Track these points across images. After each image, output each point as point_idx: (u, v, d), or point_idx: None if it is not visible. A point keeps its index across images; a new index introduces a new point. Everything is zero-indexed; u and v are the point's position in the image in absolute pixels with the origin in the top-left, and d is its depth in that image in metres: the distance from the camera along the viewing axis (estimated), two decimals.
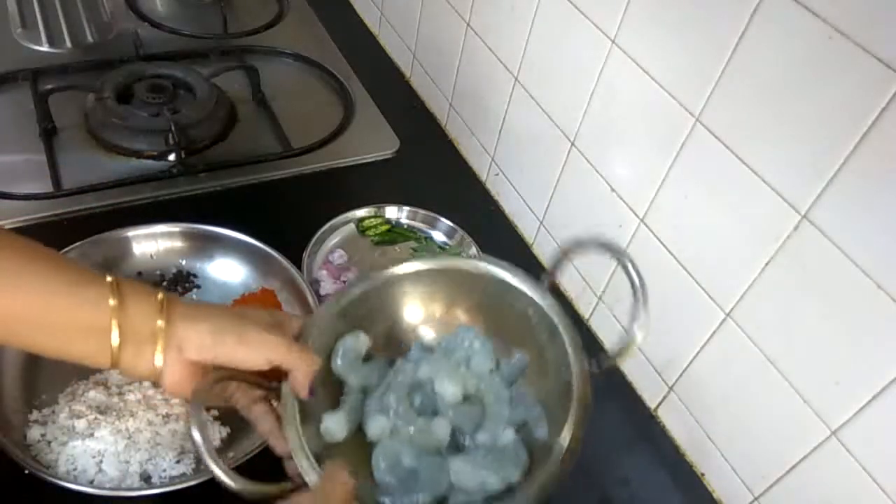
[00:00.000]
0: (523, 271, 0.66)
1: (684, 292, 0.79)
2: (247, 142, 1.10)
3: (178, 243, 0.89)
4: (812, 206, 0.64)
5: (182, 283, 0.87)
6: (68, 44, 1.20)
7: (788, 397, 0.69)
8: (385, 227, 1.01)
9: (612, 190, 0.87)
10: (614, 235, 0.88)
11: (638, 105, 0.80)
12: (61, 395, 0.74)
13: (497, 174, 1.10)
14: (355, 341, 0.67)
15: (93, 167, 1.00)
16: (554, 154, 0.95)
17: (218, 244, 0.89)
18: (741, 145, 0.69)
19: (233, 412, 0.75)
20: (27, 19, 1.21)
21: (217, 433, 0.74)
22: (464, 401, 0.65)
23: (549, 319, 0.65)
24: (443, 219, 1.02)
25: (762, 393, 0.72)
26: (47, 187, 0.95)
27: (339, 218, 0.99)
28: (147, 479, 0.70)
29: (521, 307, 0.67)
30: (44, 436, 0.70)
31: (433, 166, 1.15)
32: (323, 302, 0.66)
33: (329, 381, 0.65)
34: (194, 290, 0.87)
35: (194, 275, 0.88)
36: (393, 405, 0.64)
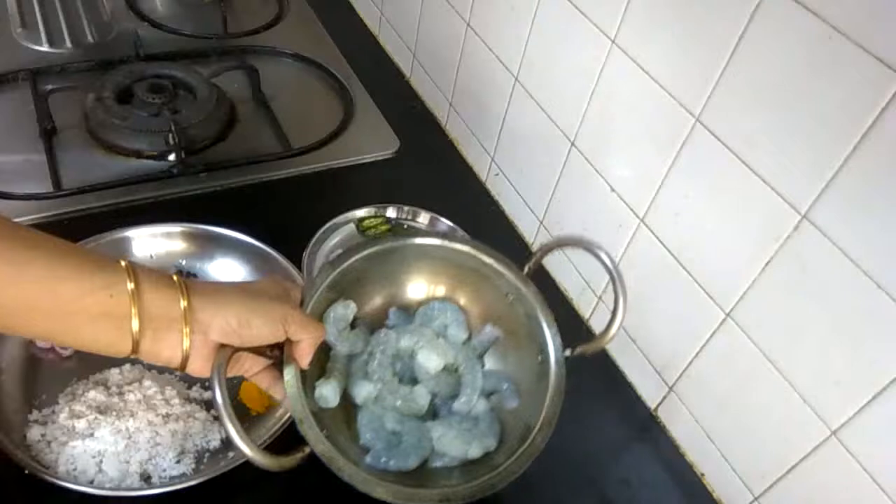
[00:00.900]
0: (506, 257, 0.71)
1: (684, 292, 0.79)
2: (247, 142, 1.10)
3: (178, 243, 0.89)
4: (812, 206, 0.64)
5: None
6: (68, 44, 1.20)
7: (788, 397, 0.69)
8: (385, 227, 1.01)
9: (612, 190, 0.87)
10: (614, 235, 0.88)
11: (638, 105, 0.80)
12: (61, 395, 0.74)
13: (497, 174, 1.10)
14: (345, 310, 0.69)
15: (93, 167, 1.00)
16: (554, 154, 0.95)
17: (218, 244, 0.89)
18: (741, 145, 0.69)
19: (236, 414, 0.76)
20: (27, 19, 1.21)
21: (217, 433, 0.75)
22: (441, 370, 0.69)
23: (529, 303, 0.70)
24: (443, 219, 1.02)
25: (762, 393, 0.72)
26: (47, 187, 0.95)
27: (339, 218, 0.99)
28: (147, 479, 0.70)
29: (501, 289, 0.72)
30: (44, 436, 0.70)
31: (433, 166, 1.15)
32: (317, 272, 0.69)
33: (318, 349, 0.66)
34: None
35: (194, 275, 0.88)
36: (377, 372, 0.68)
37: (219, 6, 1.31)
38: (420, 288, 0.76)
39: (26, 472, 0.66)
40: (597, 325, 0.95)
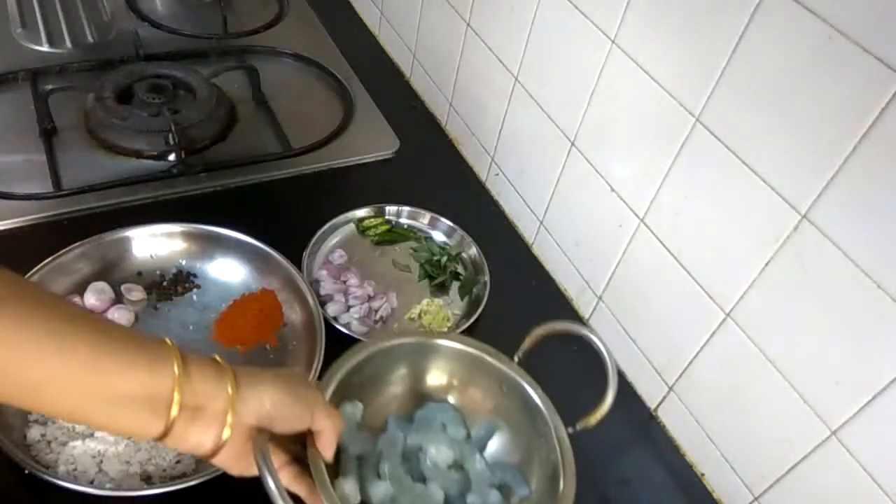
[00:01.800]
0: (494, 349, 0.73)
1: (684, 292, 0.79)
2: (246, 142, 1.10)
3: (178, 243, 0.89)
4: (812, 206, 0.64)
5: (182, 283, 0.87)
6: (68, 44, 1.20)
7: (788, 397, 0.69)
8: (385, 227, 1.01)
9: (612, 190, 0.87)
10: (614, 235, 0.88)
11: (638, 105, 0.80)
12: None
13: (497, 174, 1.10)
14: (353, 409, 0.70)
15: (93, 167, 1.00)
16: (554, 154, 0.95)
17: (218, 244, 0.89)
18: (741, 145, 0.69)
19: None
20: (27, 19, 1.21)
21: None
22: (449, 468, 0.70)
23: (522, 389, 0.71)
24: (443, 219, 1.02)
25: (762, 393, 0.72)
26: (47, 187, 0.95)
27: (339, 218, 0.99)
28: (147, 479, 0.70)
29: (494, 380, 0.73)
30: (44, 436, 0.70)
31: (433, 166, 1.15)
32: (328, 368, 0.70)
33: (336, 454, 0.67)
34: (194, 289, 0.87)
35: (194, 275, 0.88)
36: (390, 471, 0.68)
37: (219, 6, 1.31)
38: (413, 390, 0.76)
39: (26, 472, 0.66)
40: (597, 325, 0.95)
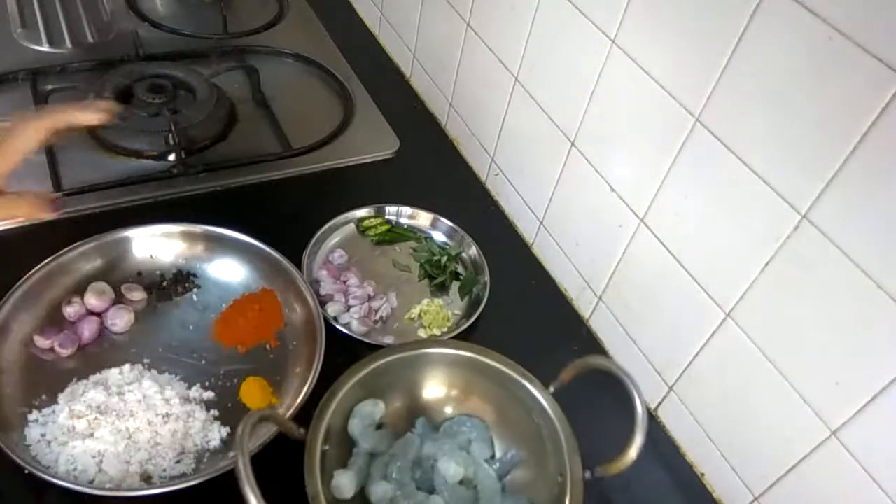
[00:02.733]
0: (533, 375, 0.73)
1: (684, 292, 0.79)
2: (247, 142, 1.10)
3: (178, 243, 0.89)
4: (812, 206, 0.64)
5: (182, 283, 0.87)
6: (68, 44, 1.20)
7: (788, 397, 0.69)
8: (385, 227, 1.01)
9: (612, 190, 0.87)
10: (614, 235, 0.88)
11: (638, 105, 0.80)
12: (61, 395, 0.74)
13: (497, 174, 1.10)
14: (373, 408, 0.73)
15: (93, 167, 1.00)
16: (554, 154, 0.95)
17: (218, 244, 0.89)
18: (741, 145, 0.69)
19: (237, 414, 0.76)
20: (27, 19, 1.21)
21: (217, 433, 0.75)
22: (460, 483, 0.70)
23: (552, 423, 0.71)
24: (443, 219, 1.02)
25: (762, 393, 0.72)
26: (47, 187, 0.95)
27: (339, 218, 0.99)
28: (147, 479, 0.70)
29: (526, 406, 0.73)
30: (43, 436, 0.71)
31: (433, 166, 1.15)
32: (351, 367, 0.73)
33: (343, 440, 0.71)
34: (194, 289, 0.87)
35: (194, 275, 0.88)
36: (396, 475, 0.69)
37: (219, 6, 1.31)
38: (448, 399, 0.77)
39: (26, 471, 0.66)
40: (597, 325, 0.95)
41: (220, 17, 1.31)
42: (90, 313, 0.82)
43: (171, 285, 0.87)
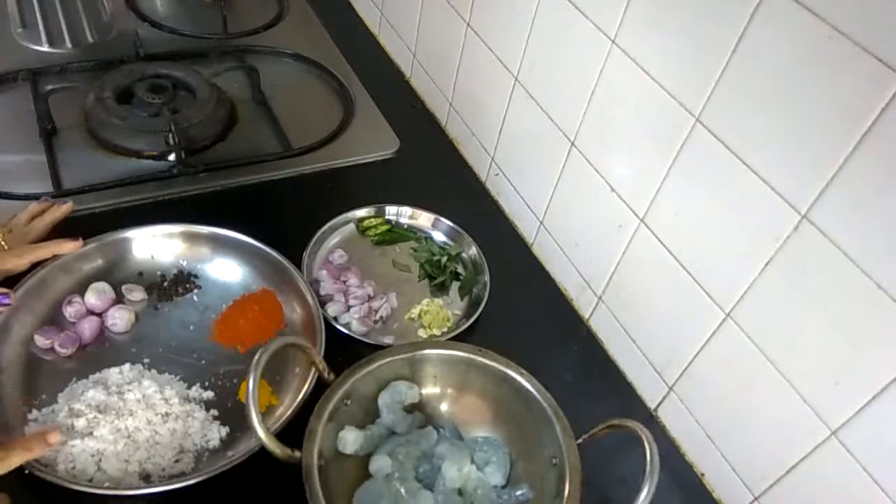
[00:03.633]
0: (568, 423, 0.74)
1: (684, 292, 0.79)
2: (247, 142, 1.10)
3: (178, 244, 0.89)
4: (812, 206, 0.63)
5: (183, 283, 0.87)
6: (68, 44, 1.20)
7: (788, 397, 0.69)
8: (385, 227, 1.01)
9: (612, 190, 0.87)
10: (614, 235, 0.88)
11: (638, 105, 0.80)
12: (60, 395, 0.74)
13: (497, 174, 1.10)
14: (408, 389, 0.76)
15: (93, 167, 1.00)
16: (554, 154, 0.95)
17: (218, 245, 0.89)
18: (741, 145, 0.69)
19: (236, 414, 0.76)
20: (27, 19, 1.21)
21: (216, 433, 0.75)
22: (459, 492, 0.71)
23: (566, 475, 0.71)
24: (443, 219, 1.02)
25: (762, 393, 0.72)
26: (47, 187, 0.95)
27: (339, 218, 0.99)
28: (146, 478, 0.70)
29: (548, 449, 0.73)
30: None
31: (433, 166, 1.15)
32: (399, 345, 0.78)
33: (368, 407, 0.75)
34: (195, 290, 0.87)
35: (195, 275, 0.88)
36: (401, 457, 0.71)
37: (219, 6, 1.31)
38: (483, 414, 0.78)
39: (26, 471, 0.66)
40: (597, 325, 0.95)
41: (220, 17, 1.31)
42: (90, 313, 0.82)
43: (171, 285, 0.87)
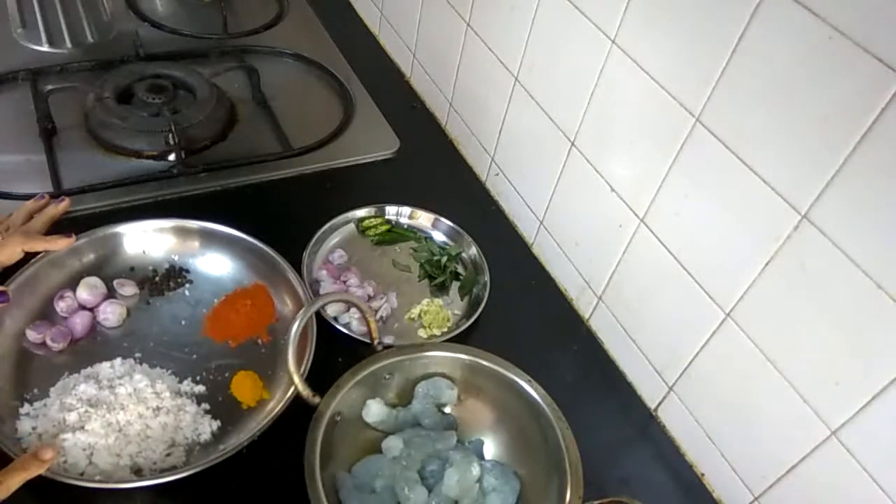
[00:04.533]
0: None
1: (684, 292, 0.79)
2: (247, 142, 1.10)
3: (170, 239, 0.89)
4: (812, 206, 0.63)
5: (174, 278, 0.87)
6: (68, 44, 1.20)
7: (788, 397, 0.69)
8: (385, 227, 1.01)
9: (612, 190, 0.87)
10: (614, 235, 0.88)
11: (638, 105, 0.80)
12: (52, 389, 0.74)
13: (497, 174, 1.10)
14: (447, 389, 0.77)
15: (93, 167, 1.00)
16: (554, 154, 0.95)
17: (210, 240, 0.89)
18: (741, 145, 0.69)
19: (227, 408, 0.75)
20: (27, 19, 1.21)
21: (207, 426, 0.75)
22: (455, 500, 0.71)
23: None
24: (443, 219, 1.02)
25: (762, 393, 0.72)
26: (47, 187, 0.95)
27: (339, 218, 0.99)
28: (137, 471, 0.70)
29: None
30: (34, 429, 0.71)
31: (433, 166, 1.15)
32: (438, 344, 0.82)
33: (407, 393, 0.78)
34: (186, 285, 0.88)
35: (186, 270, 0.89)
36: (413, 447, 0.73)
37: (219, 6, 1.31)
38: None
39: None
40: (597, 325, 0.95)
41: (220, 17, 1.31)
42: (82, 308, 0.82)
43: (163, 280, 0.87)
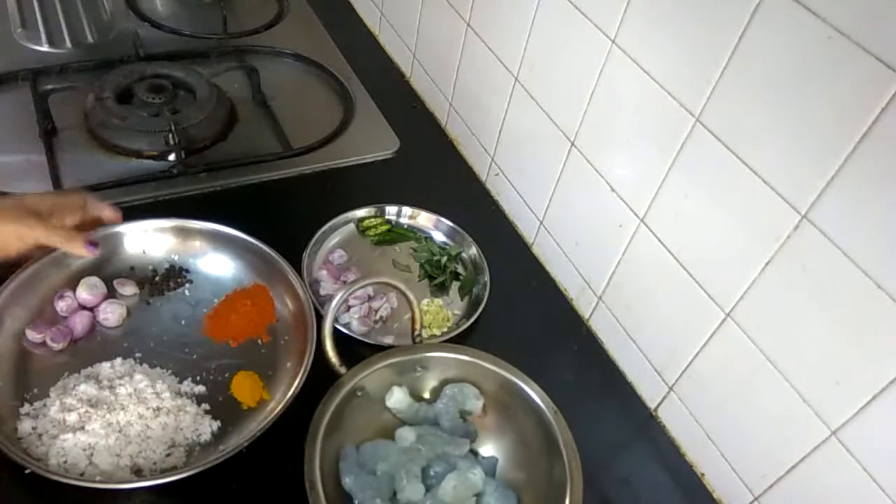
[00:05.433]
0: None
1: (684, 292, 0.79)
2: (247, 142, 1.10)
3: (170, 239, 0.89)
4: (812, 206, 0.63)
5: (174, 278, 0.87)
6: (68, 44, 1.20)
7: (788, 397, 0.69)
8: (385, 227, 1.01)
9: (612, 190, 0.87)
10: (614, 235, 0.88)
11: (638, 105, 0.80)
12: (52, 389, 0.74)
13: (497, 174, 1.10)
14: (473, 399, 0.78)
15: (93, 167, 1.00)
16: (554, 154, 0.95)
17: (210, 240, 0.89)
18: (741, 145, 0.69)
19: (228, 408, 0.75)
20: (27, 19, 1.21)
21: (208, 427, 0.75)
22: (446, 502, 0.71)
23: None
24: (443, 219, 1.02)
25: (762, 393, 0.72)
26: (47, 187, 0.95)
27: (339, 218, 0.99)
28: (137, 472, 0.70)
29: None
30: (35, 429, 0.71)
31: (433, 166, 1.15)
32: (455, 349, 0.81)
33: (436, 391, 0.79)
34: (187, 284, 0.88)
35: (187, 270, 0.88)
36: (421, 443, 0.73)
37: (219, 6, 1.31)
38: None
39: (27, 471, 0.66)
40: (597, 325, 0.95)
41: (220, 17, 1.31)
42: (82, 307, 0.82)
43: (163, 280, 0.87)
